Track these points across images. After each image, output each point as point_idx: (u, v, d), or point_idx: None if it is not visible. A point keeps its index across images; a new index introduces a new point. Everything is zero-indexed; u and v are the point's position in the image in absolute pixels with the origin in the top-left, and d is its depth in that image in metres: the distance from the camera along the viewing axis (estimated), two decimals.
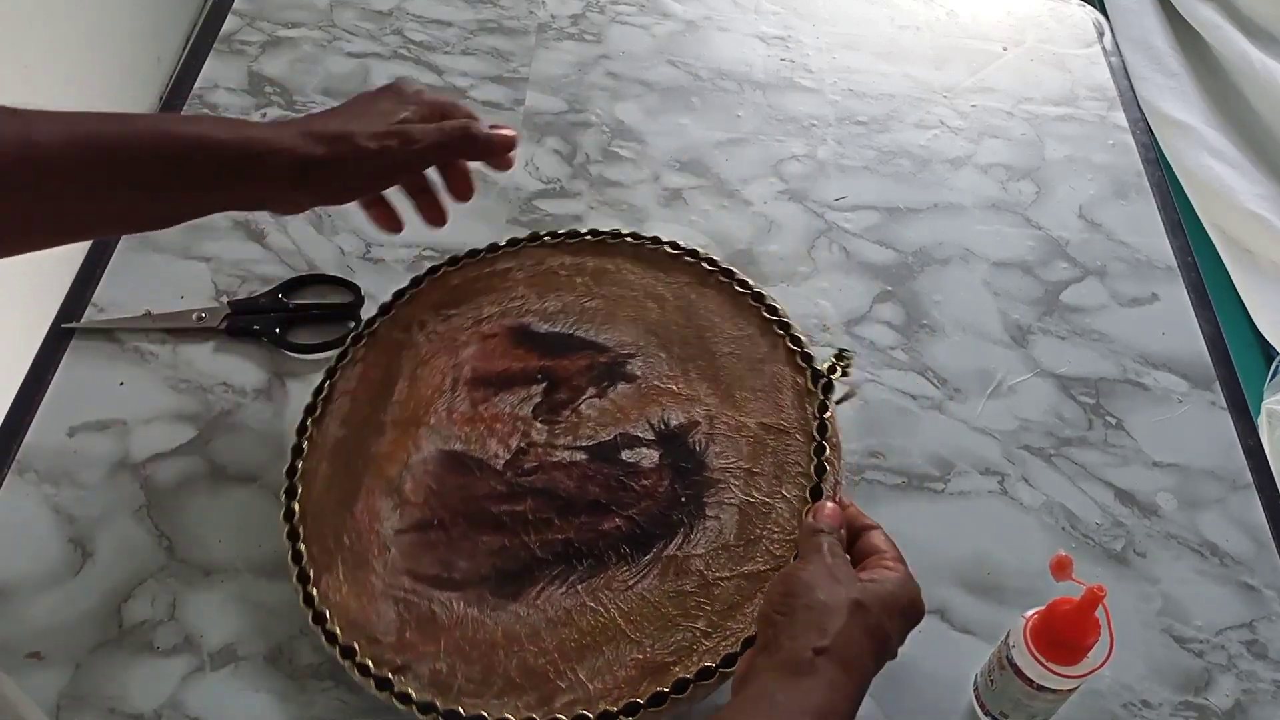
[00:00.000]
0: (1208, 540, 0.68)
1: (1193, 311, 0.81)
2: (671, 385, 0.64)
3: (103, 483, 0.65)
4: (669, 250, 0.70)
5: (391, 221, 0.65)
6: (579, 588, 0.58)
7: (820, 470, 0.58)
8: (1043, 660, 0.53)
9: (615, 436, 0.62)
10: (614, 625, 0.56)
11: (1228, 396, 0.76)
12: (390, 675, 0.56)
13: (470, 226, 0.69)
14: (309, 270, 0.77)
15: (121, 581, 0.61)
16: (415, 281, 0.70)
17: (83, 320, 0.73)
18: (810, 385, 0.62)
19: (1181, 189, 1.68)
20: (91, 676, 0.58)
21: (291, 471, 0.63)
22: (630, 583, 0.57)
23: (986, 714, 0.58)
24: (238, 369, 0.71)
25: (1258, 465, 0.72)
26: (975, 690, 0.60)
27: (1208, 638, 0.64)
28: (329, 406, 0.65)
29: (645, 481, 0.60)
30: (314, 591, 0.59)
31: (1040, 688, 0.54)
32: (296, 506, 0.62)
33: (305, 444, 0.64)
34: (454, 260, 0.71)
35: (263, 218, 0.80)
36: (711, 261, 0.69)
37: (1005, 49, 1.03)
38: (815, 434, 0.60)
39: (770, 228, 0.84)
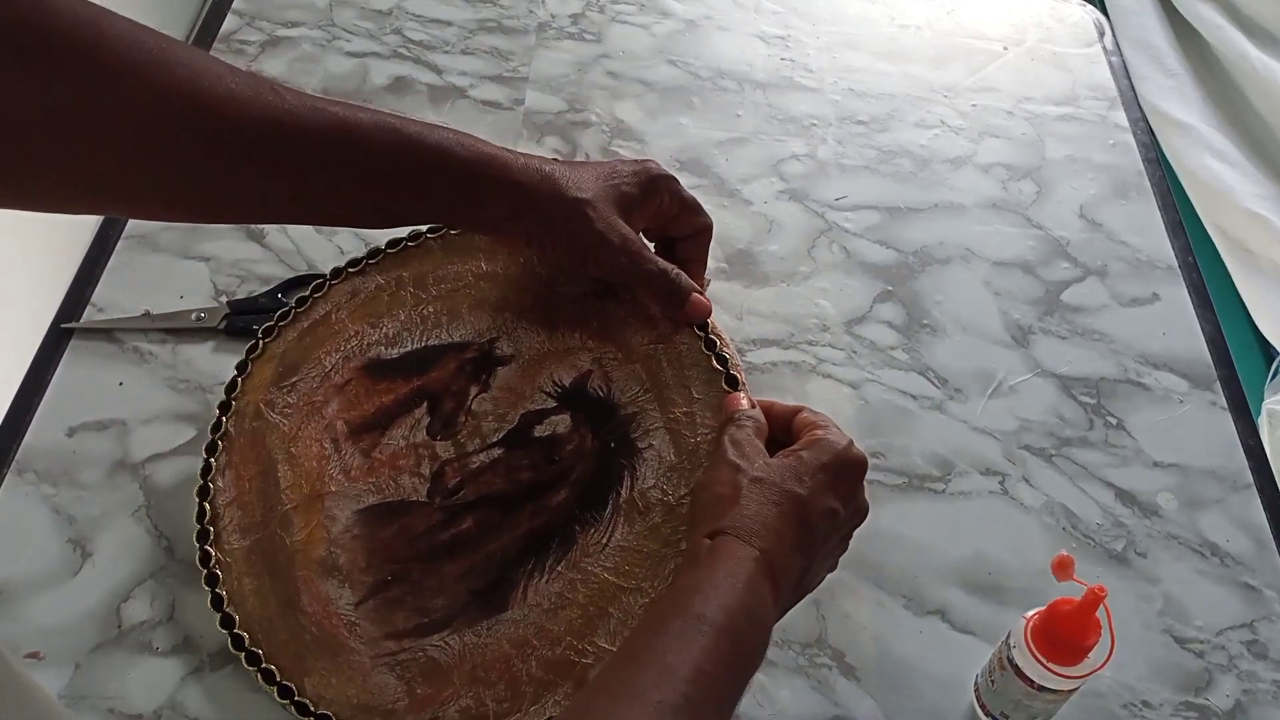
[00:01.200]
0: (1208, 540, 0.68)
1: (1193, 311, 0.81)
2: (546, 348, 0.63)
3: (103, 483, 0.65)
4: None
5: None
6: (559, 569, 0.57)
7: (722, 360, 0.60)
8: (1043, 660, 0.53)
9: (520, 419, 0.61)
10: (608, 585, 0.57)
11: (1228, 396, 0.76)
12: None
13: None
14: (309, 270, 0.77)
15: (121, 581, 0.61)
16: (240, 368, 0.65)
17: (82, 320, 0.73)
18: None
19: (1182, 189, 1.68)
20: (91, 676, 0.58)
21: (217, 602, 0.58)
22: (603, 541, 0.58)
23: (987, 714, 0.58)
24: None
25: (1258, 465, 0.72)
26: (976, 690, 0.60)
27: (1208, 638, 0.64)
28: (219, 525, 0.60)
29: (569, 446, 0.60)
30: (305, 700, 0.56)
31: (1041, 688, 0.54)
32: (242, 633, 0.57)
33: (217, 571, 0.59)
34: (268, 330, 0.66)
35: None
36: None
37: (1005, 49, 1.03)
38: (697, 331, 0.61)
39: (770, 227, 0.84)
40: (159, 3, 1.73)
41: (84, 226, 0.72)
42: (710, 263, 0.80)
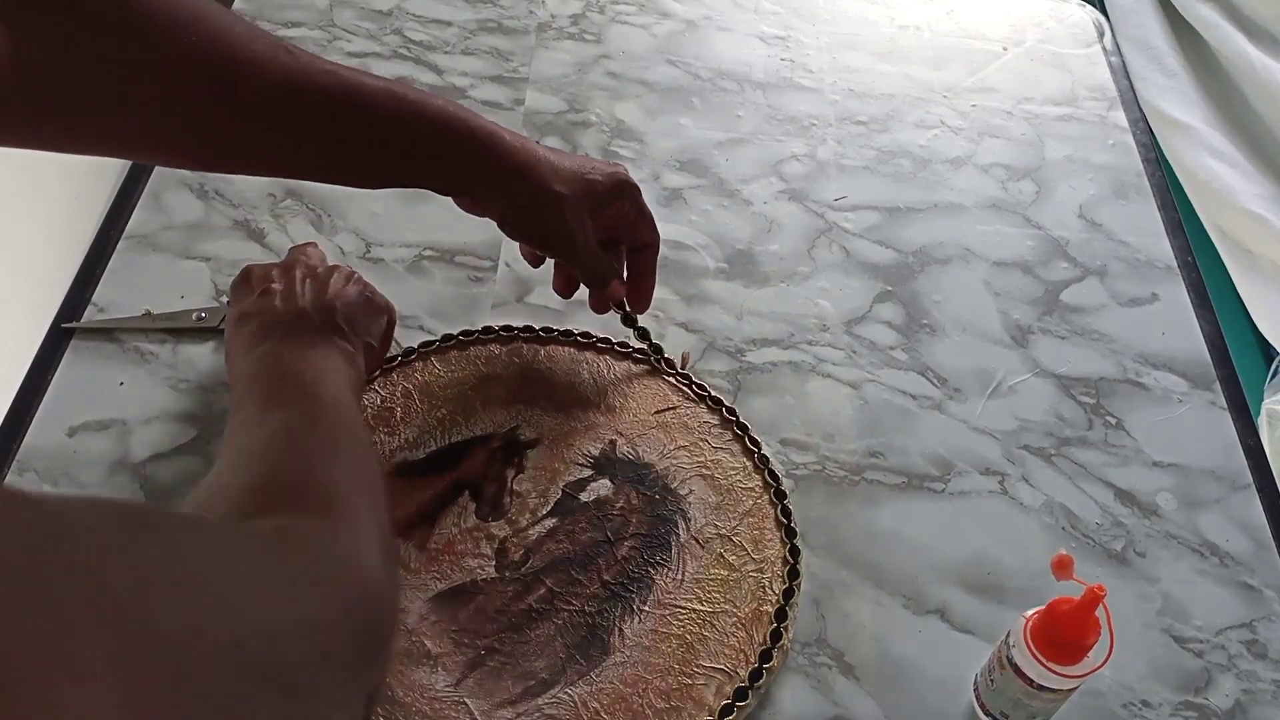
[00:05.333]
0: (1208, 540, 0.68)
1: (1193, 311, 0.81)
2: (566, 427, 0.69)
3: (103, 483, 0.65)
4: (463, 339, 0.73)
5: (568, 290, 0.71)
6: (646, 608, 0.61)
7: (717, 401, 0.71)
8: (1043, 660, 0.53)
9: (563, 490, 0.66)
10: (697, 613, 0.61)
11: (1228, 396, 0.76)
12: None
13: (474, 225, 0.69)
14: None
15: None
16: None
17: (82, 320, 0.73)
18: (666, 368, 0.72)
19: (1181, 189, 1.68)
20: None
21: None
22: (679, 578, 0.62)
23: (987, 714, 0.58)
24: None
25: (1258, 465, 0.72)
26: (975, 690, 0.60)
27: (1208, 638, 0.64)
28: None
29: (619, 505, 0.66)
30: None
31: (1040, 687, 0.54)
32: None
33: None
34: None
35: (262, 216, 0.80)
36: (506, 328, 0.73)
37: (1005, 49, 1.03)
38: (694, 395, 0.71)
39: (770, 228, 0.84)
40: None
41: (84, 226, 0.72)
42: (710, 263, 0.81)
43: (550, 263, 0.71)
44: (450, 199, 0.64)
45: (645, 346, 0.72)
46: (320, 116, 0.56)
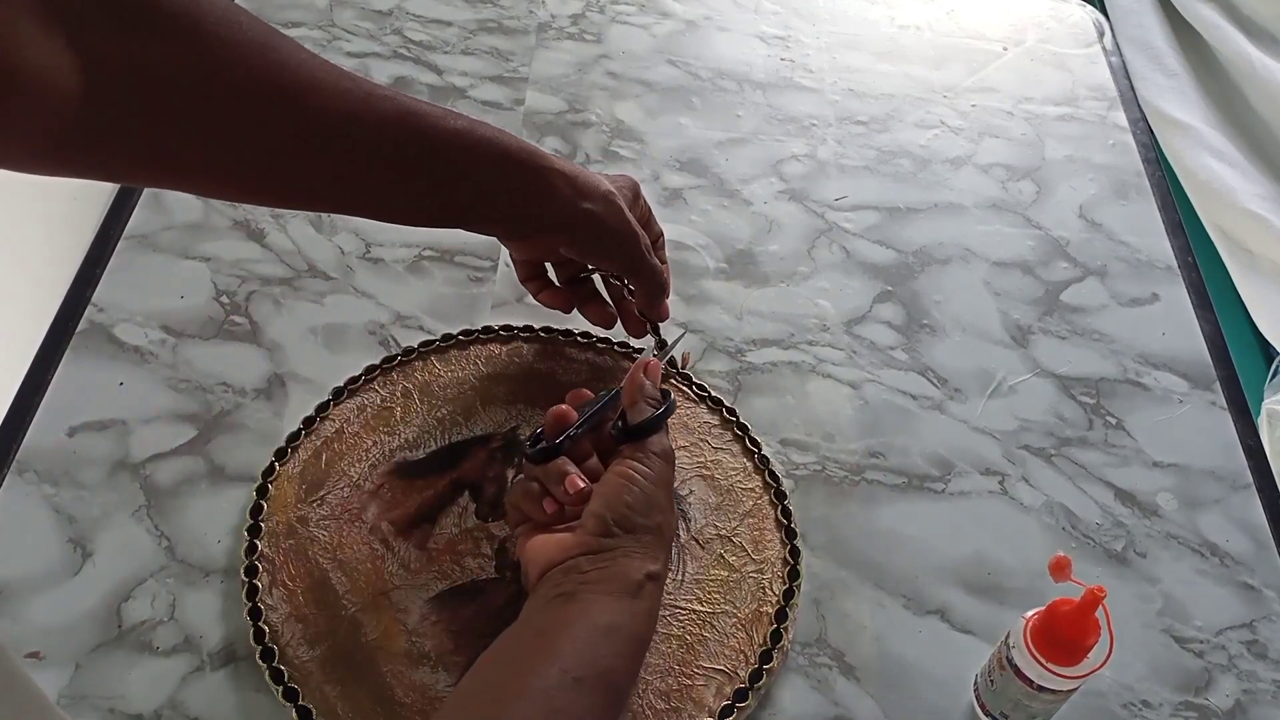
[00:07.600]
0: (1208, 540, 0.68)
1: (1193, 311, 0.81)
2: None
3: (103, 483, 0.65)
4: (462, 339, 0.72)
5: (605, 319, 0.69)
6: None
7: (717, 402, 0.71)
8: (1043, 661, 0.53)
9: None
10: (697, 614, 0.61)
11: (1228, 396, 0.76)
12: None
13: None
14: (307, 268, 0.77)
15: (121, 581, 0.61)
16: (261, 491, 0.64)
17: (82, 321, 0.73)
18: (667, 368, 0.72)
19: (1181, 189, 1.68)
20: (91, 676, 0.58)
21: (305, 715, 0.56)
22: (679, 579, 0.62)
23: (987, 714, 0.58)
24: (238, 369, 0.71)
25: (1258, 465, 0.72)
26: (975, 690, 0.60)
27: (1208, 638, 0.64)
28: (280, 641, 0.58)
29: None
30: None
31: (1040, 688, 0.54)
32: None
33: (294, 687, 0.57)
34: (280, 454, 0.66)
35: (262, 216, 0.80)
36: (506, 327, 0.73)
37: (1005, 49, 1.03)
38: (694, 395, 0.71)
39: (770, 227, 0.84)
40: None
41: (84, 226, 0.72)
42: (710, 263, 0.81)
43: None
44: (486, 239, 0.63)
45: (653, 342, 0.72)
46: (382, 143, 0.54)
